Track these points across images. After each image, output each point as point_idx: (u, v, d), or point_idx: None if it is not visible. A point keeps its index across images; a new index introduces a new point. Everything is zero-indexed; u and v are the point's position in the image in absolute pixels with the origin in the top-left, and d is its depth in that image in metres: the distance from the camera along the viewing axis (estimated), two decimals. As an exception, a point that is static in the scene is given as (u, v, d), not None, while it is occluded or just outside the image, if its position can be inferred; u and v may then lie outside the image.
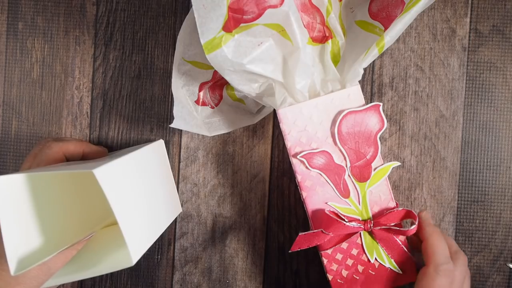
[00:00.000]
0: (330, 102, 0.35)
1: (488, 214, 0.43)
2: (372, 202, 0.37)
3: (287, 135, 0.36)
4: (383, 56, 0.43)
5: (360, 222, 0.36)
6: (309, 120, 0.36)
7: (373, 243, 0.37)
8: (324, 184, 0.36)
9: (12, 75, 0.44)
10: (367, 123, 0.35)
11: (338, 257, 0.37)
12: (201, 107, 0.40)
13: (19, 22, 0.44)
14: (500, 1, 0.42)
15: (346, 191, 0.36)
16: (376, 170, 0.36)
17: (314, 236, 0.36)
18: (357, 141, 0.36)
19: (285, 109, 0.35)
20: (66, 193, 0.36)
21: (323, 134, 0.36)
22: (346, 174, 0.36)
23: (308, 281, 0.44)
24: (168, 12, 0.44)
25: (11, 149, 0.45)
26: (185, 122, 0.37)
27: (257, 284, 0.44)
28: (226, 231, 0.44)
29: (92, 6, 0.44)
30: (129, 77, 0.44)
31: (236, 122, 0.41)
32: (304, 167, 0.36)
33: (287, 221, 0.44)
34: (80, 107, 0.44)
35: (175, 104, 0.36)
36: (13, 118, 0.45)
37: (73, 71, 0.44)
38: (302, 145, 0.36)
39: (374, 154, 0.36)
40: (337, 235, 0.36)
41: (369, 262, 0.37)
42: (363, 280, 0.37)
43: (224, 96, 0.41)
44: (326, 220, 0.36)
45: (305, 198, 0.36)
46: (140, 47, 0.44)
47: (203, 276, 0.44)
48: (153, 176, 0.37)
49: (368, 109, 0.35)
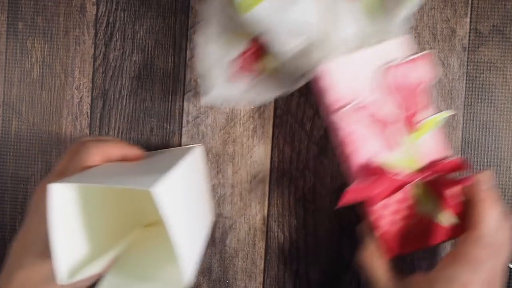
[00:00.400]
0: (377, 53, 0.35)
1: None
2: (420, 155, 0.36)
3: (332, 89, 0.34)
4: (383, 56, 0.43)
5: (409, 175, 0.35)
6: (355, 72, 0.34)
7: (422, 196, 0.36)
8: (370, 138, 0.35)
9: (12, 75, 0.44)
10: (416, 73, 0.34)
11: (387, 211, 0.36)
12: (237, 81, 0.40)
13: (19, 22, 0.44)
14: (500, 1, 0.42)
15: (393, 144, 0.35)
16: (424, 121, 0.35)
17: (362, 190, 0.34)
18: (405, 92, 0.35)
19: (332, 62, 0.34)
20: (105, 196, 0.35)
21: (370, 86, 0.35)
22: (394, 126, 0.35)
23: (308, 281, 0.44)
24: (168, 12, 0.44)
25: (11, 149, 0.45)
26: (221, 97, 0.37)
27: (257, 284, 0.44)
28: (226, 231, 0.44)
29: (92, 6, 0.44)
30: (129, 77, 0.44)
31: (273, 91, 0.41)
32: (348, 121, 0.35)
33: (287, 221, 0.44)
34: (80, 107, 0.44)
35: (210, 81, 0.36)
36: (13, 118, 0.45)
37: (73, 71, 0.44)
38: (347, 98, 0.34)
39: (424, 105, 0.35)
40: (385, 189, 0.35)
41: (418, 216, 0.36)
42: (413, 234, 0.36)
43: (259, 67, 0.41)
44: (374, 173, 0.35)
45: (350, 154, 0.35)
46: (140, 47, 0.44)
47: (203, 276, 0.44)
48: (197, 187, 0.37)
49: (418, 59, 0.34)
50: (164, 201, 0.26)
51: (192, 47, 0.44)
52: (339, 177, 0.43)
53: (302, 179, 0.43)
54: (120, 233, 0.36)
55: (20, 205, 0.45)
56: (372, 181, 0.34)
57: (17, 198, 0.45)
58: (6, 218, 0.45)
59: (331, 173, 0.43)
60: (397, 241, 0.36)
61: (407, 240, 0.36)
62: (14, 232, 0.45)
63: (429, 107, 0.35)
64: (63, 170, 0.35)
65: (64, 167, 0.35)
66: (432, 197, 0.36)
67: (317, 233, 0.43)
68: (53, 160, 0.44)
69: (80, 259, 0.31)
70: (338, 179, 0.43)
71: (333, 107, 0.35)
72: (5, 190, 0.45)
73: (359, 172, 0.35)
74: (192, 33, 0.44)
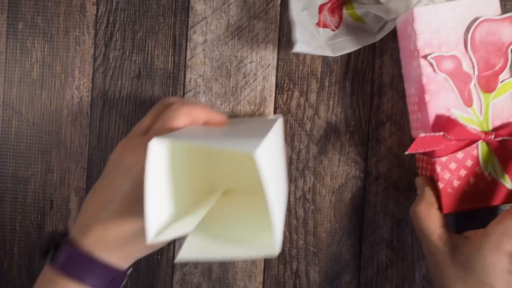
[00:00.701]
0: (466, 7, 0.36)
1: (488, 214, 0.43)
2: (494, 115, 0.37)
3: (419, 35, 0.36)
4: (383, 56, 0.43)
5: (481, 132, 0.36)
6: (443, 23, 0.36)
7: (489, 155, 0.37)
8: (449, 90, 0.36)
9: (12, 75, 0.44)
10: (501, 33, 0.36)
11: (452, 166, 0.37)
12: (323, 29, 0.41)
13: (19, 22, 0.44)
14: (500, 1, 0.42)
15: (469, 100, 0.36)
16: (503, 82, 0.36)
17: (434, 140, 0.35)
18: (488, 50, 0.36)
19: (421, 9, 0.36)
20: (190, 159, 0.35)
21: (455, 39, 0.36)
22: (472, 82, 0.36)
23: (308, 281, 0.44)
24: (168, 12, 0.44)
25: (11, 149, 0.45)
26: (308, 45, 0.38)
27: (257, 284, 0.44)
28: (226, 231, 0.44)
29: (92, 6, 0.44)
30: (129, 77, 0.44)
31: (358, 41, 0.42)
32: (431, 70, 0.36)
33: (287, 221, 0.44)
34: (80, 107, 0.44)
35: (297, 28, 0.37)
36: (13, 118, 0.45)
37: (73, 71, 0.44)
38: (432, 47, 0.36)
39: (503, 66, 0.36)
40: (455, 143, 0.36)
41: (482, 175, 0.37)
42: (474, 192, 0.37)
43: (344, 16, 0.42)
44: (447, 125, 0.36)
45: (428, 102, 0.36)
46: (140, 47, 0.44)
47: (203, 276, 0.44)
48: (281, 157, 0.36)
49: (504, 19, 0.36)
50: (264, 166, 0.25)
51: (192, 47, 0.44)
52: (339, 177, 0.43)
53: (302, 179, 0.43)
54: (202, 197, 0.35)
55: (20, 205, 0.45)
56: (443, 132, 0.35)
57: (17, 198, 0.45)
58: (6, 218, 0.45)
59: (331, 173, 0.43)
60: (458, 196, 0.37)
61: (468, 197, 0.37)
62: (14, 232, 0.45)
63: (508, 69, 0.36)
64: (147, 129, 0.35)
65: (148, 127, 0.35)
66: (498, 159, 0.37)
67: (317, 233, 0.43)
68: (53, 160, 0.44)
69: (166, 219, 0.30)
70: (338, 179, 0.43)
71: (420, 52, 0.36)
72: (5, 190, 0.45)
73: (434, 121, 0.36)
74: (192, 33, 0.44)
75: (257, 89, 0.44)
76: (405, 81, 0.41)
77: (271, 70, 0.43)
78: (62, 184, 0.44)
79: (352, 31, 0.42)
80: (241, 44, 0.43)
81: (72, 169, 0.44)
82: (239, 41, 0.43)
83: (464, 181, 0.37)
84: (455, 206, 0.37)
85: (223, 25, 0.43)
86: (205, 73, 0.44)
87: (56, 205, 0.45)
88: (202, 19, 0.43)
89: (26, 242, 0.45)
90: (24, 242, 0.45)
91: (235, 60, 0.44)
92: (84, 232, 0.32)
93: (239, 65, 0.44)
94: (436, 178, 0.37)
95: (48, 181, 0.44)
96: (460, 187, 0.37)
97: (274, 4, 0.43)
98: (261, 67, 0.43)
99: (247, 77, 0.44)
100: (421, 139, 0.35)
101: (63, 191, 0.45)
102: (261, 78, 0.44)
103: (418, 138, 0.35)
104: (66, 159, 0.44)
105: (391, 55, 0.43)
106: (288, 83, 0.43)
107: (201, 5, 0.43)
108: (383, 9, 0.39)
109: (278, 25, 0.43)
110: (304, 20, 0.40)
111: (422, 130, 0.38)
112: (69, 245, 0.32)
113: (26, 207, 0.45)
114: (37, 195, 0.45)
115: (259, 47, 0.43)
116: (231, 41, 0.43)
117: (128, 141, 0.35)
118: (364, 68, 0.43)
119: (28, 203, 0.45)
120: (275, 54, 0.43)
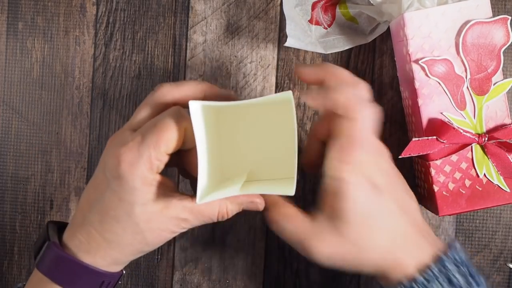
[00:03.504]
0: (457, 10, 0.36)
1: (488, 214, 0.43)
2: (488, 117, 0.37)
3: (410, 40, 0.36)
4: (383, 56, 0.43)
5: (475, 135, 0.36)
6: (434, 27, 0.36)
7: (484, 158, 0.37)
8: (441, 93, 0.36)
9: (12, 75, 0.44)
10: (493, 35, 0.36)
11: (447, 169, 0.37)
12: (315, 26, 0.42)
13: (19, 22, 0.44)
14: (500, 1, 0.42)
15: (462, 103, 0.37)
16: (496, 84, 0.36)
17: (427, 144, 0.36)
18: (480, 53, 0.36)
19: (411, 13, 0.36)
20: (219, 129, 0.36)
21: (447, 42, 0.36)
22: (465, 85, 0.36)
23: (308, 281, 0.44)
24: (168, 12, 0.44)
25: (11, 149, 0.45)
26: (299, 40, 0.39)
27: (257, 284, 0.44)
28: (226, 231, 0.44)
29: (92, 6, 0.44)
30: (129, 77, 0.44)
31: (350, 41, 0.42)
32: (423, 74, 0.36)
33: (287, 221, 0.44)
34: (80, 107, 0.44)
35: (288, 23, 0.38)
36: (13, 118, 0.45)
37: (73, 71, 0.44)
38: (424, 52, 0.36)
39: (496, 68, 0.36)
40: (449, 146, 0.36)
41: (477, 177, 0.37)
42: (469, 195, 0.37)
43: (337, 15, 0.42)
44: (440, 129, 0.36)
45: (421, 106, 0.36)
46: (140, 47, 0.44)
47: (203, 276, 0.44)
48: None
49: (495, 22, 0.36)
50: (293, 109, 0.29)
51: (192, 47, 0.44)
52: (339, 177, 0.43)
53: (302, 180, 0.43)
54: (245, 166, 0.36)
55: (20, 205, 0.45)
56: (437, 136, 0.35)
57: (17, 198, 0.45)
58: (6, 218, 0.45)
59: (331, 173, 0.43)
60: (453, 199, 0.37)
61: (463, 199, 0.37)
62: (14, 232, 0.45)
63: (500, 71, 0.36)
64: (139, 125, 0.32)
65: (139, 122, 0.33)
66: (492, 161, 0.37)
67: (317, 233, 0.43)
68: (53, 160, 0.44)
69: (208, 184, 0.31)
70: (338, 179, 0.43)
71: (412, 57, 0.36)
72: (5, 190, 0.45)
73: (427, 125, 0.37)
74: (192, 33, 0.44)
75: (257, 89, 0.44)
76: (400, 84, 0.41)
77: (271, 70, 0.43)
78: (62, 184, 0.44)
79: (344, 31, 0.42)
80: (241, 44, 0.43)
81: (72, 169, 0.44)
82: (239, 41, 0.43)
83: (459, 183, 0.37)
84: (450, 208, 0.37)
85: (223, 25, 0.43)
86: (205, 73, 0.44)
87: (56, 205, 0.45)
88: (202, 19, 0.43)
89: (26, 242, 0.45)
90: (24, 242, 0.45)
91: (235, 60, 0.44)
92: (71, 234, 0.32)
93: (239, 65, 0.44)
94: (431, 181, 0.38)
95: (48, 181, 0.44)
96: (456, 190, 0.37)
97: (274, 4, 0.43)
98: (261, 67, 0.43)
99: (247, 77, 0.44)
100: (414, 143, 0.36)
101: (63, 191, 0.45)
102: (261, 78, 0.44)
103: (412, 142, 0.35)
104: (66, 159, 0.44)
105: (391, 55, 0.43)
106: (288, 83, 0.43)
107: (201, 5, 0.43)
108: (376, 10, 0.39)
109: (278, 25, 0.43)
110: (297, 16, 0.40)
111: (416, 133, 0.38)
112: (55, 247, 0.31)
113: (26, 207, 0.45)
114: (37, 195, 0.45)
115: (259, 47, 0.43)
116: (231, 41, 0.43)
117: (116, 137, 0.33)
118: (364, 68, 0.43)
119: (28, 203, 0.45)
120: (275, 54, 0.43)
